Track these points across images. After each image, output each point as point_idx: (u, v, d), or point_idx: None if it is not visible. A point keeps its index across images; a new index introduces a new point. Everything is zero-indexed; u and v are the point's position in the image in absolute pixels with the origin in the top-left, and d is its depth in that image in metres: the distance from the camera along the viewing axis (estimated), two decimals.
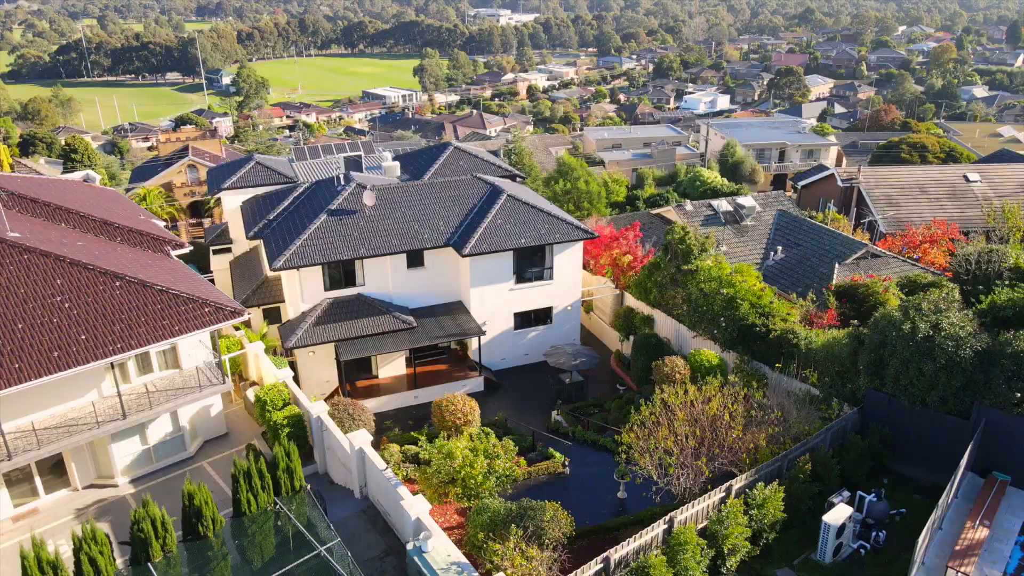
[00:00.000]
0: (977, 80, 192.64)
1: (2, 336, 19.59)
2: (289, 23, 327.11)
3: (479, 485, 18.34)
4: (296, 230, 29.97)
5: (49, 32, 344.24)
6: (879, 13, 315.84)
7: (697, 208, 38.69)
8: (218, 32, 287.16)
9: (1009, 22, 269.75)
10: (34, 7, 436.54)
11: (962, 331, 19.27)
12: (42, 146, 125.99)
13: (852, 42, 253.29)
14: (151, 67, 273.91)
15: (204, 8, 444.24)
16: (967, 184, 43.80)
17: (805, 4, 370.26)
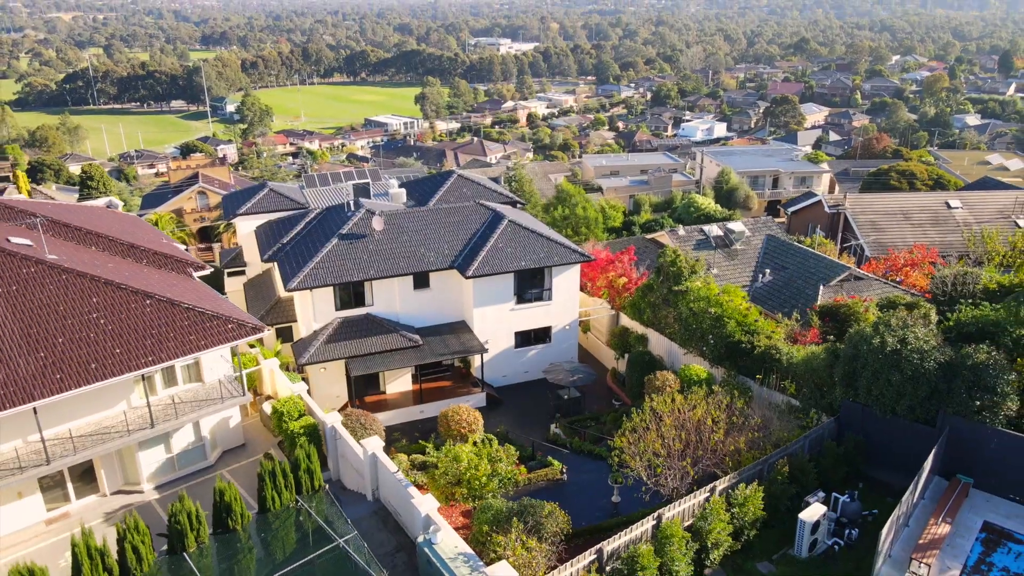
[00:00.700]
0: (970, 108, 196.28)
1: (44, 349, 21.34)
2: (292, 52, 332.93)
3: (483, 486, 19.95)
4: (309, 253, 31.84)
5: (56, 61, 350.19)
6: (873, 43, 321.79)
7: (689, 233, 40.65)
8: (223, 61, 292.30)
9: (1001, 51, 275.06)
10: (41, 36, 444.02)
11: (926, 345, 21.03)
12: (50, 172, 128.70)
13: (847, 71, 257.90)
14: (156, 95, 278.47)
15: (209, 37, 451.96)
16: (948, 210, 45.82)
17: (800, 34, 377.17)
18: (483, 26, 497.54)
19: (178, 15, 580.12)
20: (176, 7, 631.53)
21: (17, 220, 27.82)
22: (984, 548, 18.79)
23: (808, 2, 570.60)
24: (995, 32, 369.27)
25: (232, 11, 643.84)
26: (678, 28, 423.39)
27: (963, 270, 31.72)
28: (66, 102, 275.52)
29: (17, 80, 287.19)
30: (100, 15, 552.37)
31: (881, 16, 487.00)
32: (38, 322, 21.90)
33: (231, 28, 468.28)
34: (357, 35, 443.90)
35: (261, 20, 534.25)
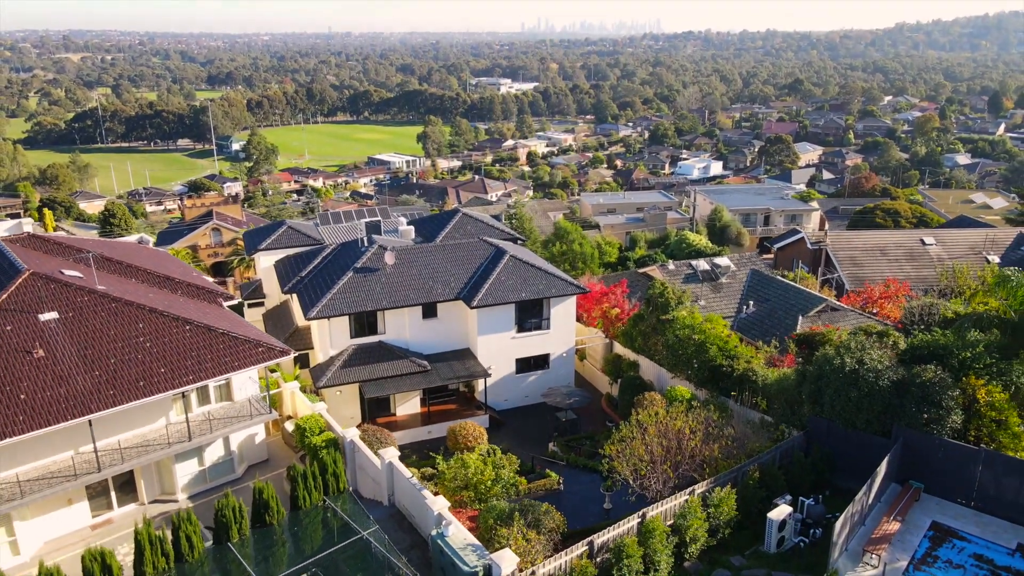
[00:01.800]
0: (960, 148, 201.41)
1: (99, 368, 24.13)
2: (297, 92, 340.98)
3: (488, 490, 22.56)
4: (326, 285, 34.79)
5: (64, 100, 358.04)
6: (866, 84, 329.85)
7: (679, 267, 43.68)
8: (229, 101, 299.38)
9: (991, 92, 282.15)
10: (50, 76, 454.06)
11: (880, 365, 23.84)
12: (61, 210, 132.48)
13: (840, 111, 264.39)
14: (163, 134, 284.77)
15: (215, 77, 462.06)
16: (923, 247, 48.94)
17: (795, 75, 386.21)
18: (484, 66, 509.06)
19: (184, 56, 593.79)
20: (183, 48, 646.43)
21: (66, 255, 30.84)
22: (931, 544, 21.34)
23: (803, 44, 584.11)
24: (986, 73, 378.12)
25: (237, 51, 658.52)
26: (675, 69, 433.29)
27: (929, 302, 34.69)
28: (75, 140, 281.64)
29: (27, 119, 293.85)
30: (108, 56, 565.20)
31: (874, 58, 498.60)
32: (92, 344, 24.72)
33: (236, 68, 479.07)
34: (360, 75, 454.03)
35: (266, 61, 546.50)
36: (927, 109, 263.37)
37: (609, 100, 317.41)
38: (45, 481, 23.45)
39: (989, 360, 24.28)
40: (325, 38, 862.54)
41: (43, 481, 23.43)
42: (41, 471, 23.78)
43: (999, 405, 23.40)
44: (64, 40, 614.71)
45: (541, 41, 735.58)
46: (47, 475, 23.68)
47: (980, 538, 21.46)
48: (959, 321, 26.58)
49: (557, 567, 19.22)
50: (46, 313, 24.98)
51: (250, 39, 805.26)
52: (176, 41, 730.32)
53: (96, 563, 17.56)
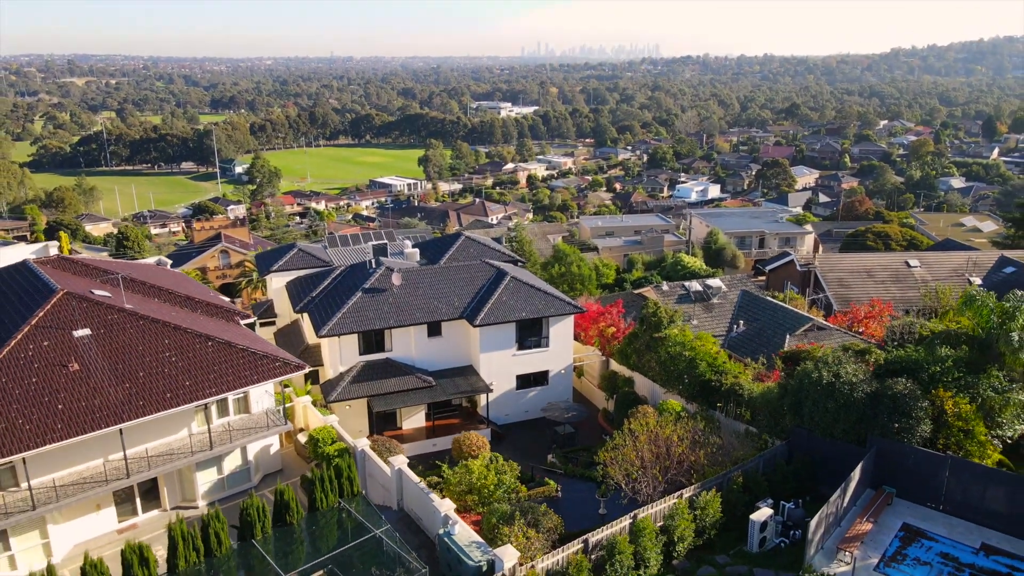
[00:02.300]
0: (954, 172, 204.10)
1: (129, 381, 26.00)
2: (300, 116, 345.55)
3: (491, 494, 24.32)
4: (336, 305, 36.75)
5: (69, 124, 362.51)
6: (862, 108, 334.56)
7: (672, 288, 45.69)
8: (232, 124, 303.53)
9: (985, 117, 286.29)
10: (55, 100, 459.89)
11: (855, 378, 25.73)
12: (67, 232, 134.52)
13: (836, 135, 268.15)
14: (167, 157, 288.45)
15: (218, 101, 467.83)
16: (908, 269, 50.98)
17: (792, 99, 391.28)
18: (484, 90, 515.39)
19: (188, 80, 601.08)
20: (186, 72, 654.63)
21: (93, 276, 32.82)
22: (901, 543, 23.07)
23: (799, 69, 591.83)
24: (980, 98, 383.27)
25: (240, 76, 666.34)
26: (673, 93, 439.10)
27: (909, 321, 36.62)
28: (79, 164, 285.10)
29: (32, 143, 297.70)
30: (113, 80, 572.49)
31: (870, 82, 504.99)
32: (123, 359, 26.62)
33: (240, 93, 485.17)
34: (362, 99, 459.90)
35: (269, 85, 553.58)
36: (922, 133, 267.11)
37: (608, 124, 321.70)
38: (78, 486, 25.22)
39: (957, 374, 26.17)
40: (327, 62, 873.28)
41: (76, 486, 25.20)
42: (75, 477, 25.57)
43: (966, 415, 25.23)
44: (69, 64, 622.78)
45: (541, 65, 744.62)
46: (80, 480, 25.45)
47: (947, 538, 23.20)
48: (930, 338, 28.50)
49: (555, 562, 20.95)
50: (79, 330, 26.90)
51: (253, 63, 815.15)
52: (180, 65, 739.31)
53: (135, 555, 19.29)
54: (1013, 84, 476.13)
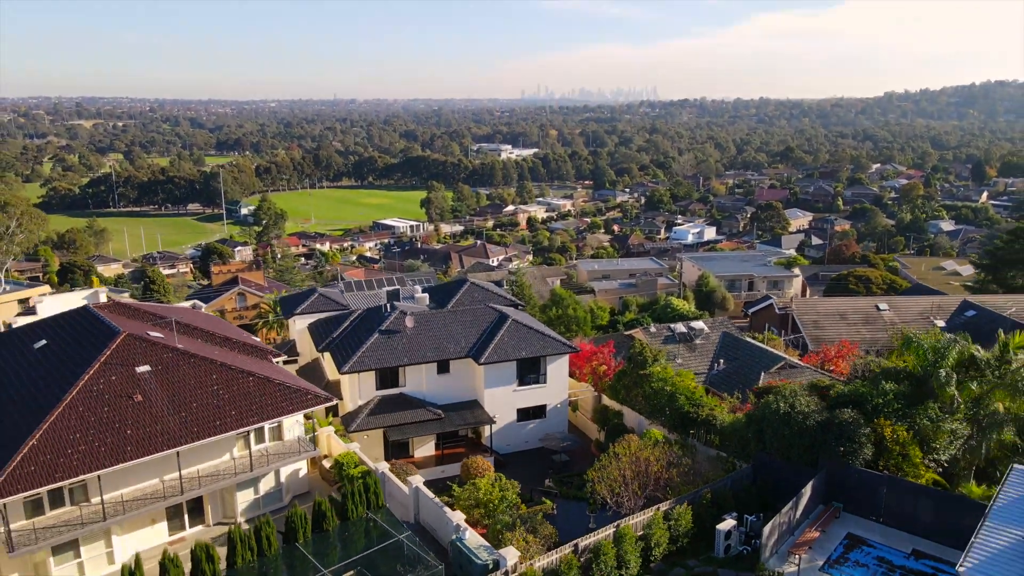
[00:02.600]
0: (944, 215, 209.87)
1: (184, 410, 30.38)
2: (304, 158, 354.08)
3: (495, 508, 28.51)
4: (356, 345, 41.24)
5: (78, 166, 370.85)
6: (855, 151, 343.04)
7: (659, 330, 50.22)
8: (239, 167, 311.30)
9: (975, 160, 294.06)
10: (63, 143, 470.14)
11: (808, 408, 30.14)
12: (80, 273, 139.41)
13: (830, 178, 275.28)
14: (174, 199, 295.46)
15: (223, 143, 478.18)
16: (878, 312, 55.59)
17: (787, 143, 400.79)
18: (485, 132, 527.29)
19: (194, 122, 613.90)
20: (192, 114, 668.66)
21: (143, 319, 37.40)
22: (844, 549, 27.22)
23: (795, 112, 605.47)
24: (972, 142, 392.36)
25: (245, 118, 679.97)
26: (671, 136, 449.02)
27: (870, 359, 41.06)
28: (88, 205, 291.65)
29: (42, 184, 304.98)
30: (120, 123, 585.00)
31: (864, 126, 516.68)
32: (178, 391, 31.06)
33: (244, 135, 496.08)
34: (364, 141, 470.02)
35: (273, 127, 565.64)
36: (913, 177, 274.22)
37: (607, 166, 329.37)
38: (140, 501, 29.43)
39: (897, 406, 30.58)
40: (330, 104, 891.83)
41: (139, 501, 29.41)
42: (137, 493, 29.79)
43: (903, 441, 29.58)
44: (77, 107, 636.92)
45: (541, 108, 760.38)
46: (142, 497, 29.67)
47: (883, 544, 27.37)
48: (876, 375, 32.97)
49: (549, 562, 25.11)
50: (141, 366, 31.39)
51: (257, 106, 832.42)
52: (186, 108, 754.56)
53: (203, 553, 23.45)
54: (1004, 128, 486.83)
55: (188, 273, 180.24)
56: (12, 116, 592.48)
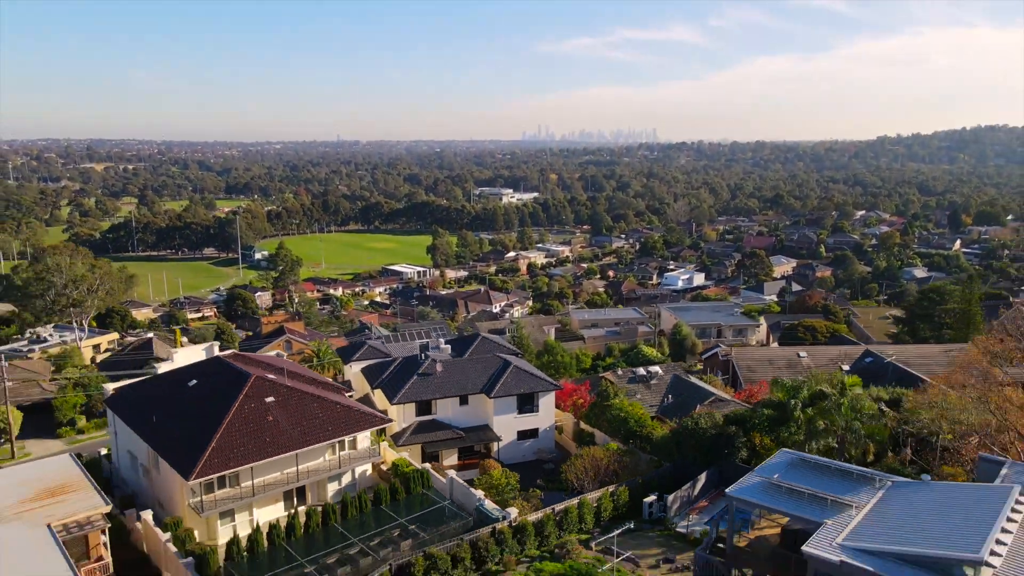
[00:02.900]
0: (918, 262, 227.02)
1: (299, 427, 47.04)
2: (313, 203, 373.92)
3: (503, 488, 45.06)
4: (400, 384, 58.05)
5: (94, 210, 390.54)
6: (843, 198, 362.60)
7: (625, 373, 67.03)
8: (252, 213, 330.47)
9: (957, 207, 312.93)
10: (77, 186, 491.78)
11: (706, 424, 46.89)
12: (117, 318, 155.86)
13: (816, 225, 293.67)
14: (191, 243, 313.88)
15: (233, 187, 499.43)
16: (799, 358, 72.41)
17: (779, 188, 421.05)
18: (487, 176, 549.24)
19: (202, 165, 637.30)
20: (200, 157, 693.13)
21: (254, 364, 54.21)
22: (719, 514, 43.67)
23: (789, 156, 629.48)
24: (957, 188, 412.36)
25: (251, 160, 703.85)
26: (667, 181, 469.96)
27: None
28: (108, 249, 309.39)
29: (64, 230, 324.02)
30: (131, 166, 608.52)
31: (856, 170, 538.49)
32: (293, 414, 47.79)
33: (253, 179, 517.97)
34: (370, 185, 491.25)
35: (280, 170, 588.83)
36: (895, 224, 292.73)
37: (604, 213, 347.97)
38: (271, 486, 45.94)
39: (766, 424, 47.31)
40: (334, 146, 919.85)
41: (270, 486, 45.92)
42: (269, 481, 46.33)
43: (768, 447, 46.22)
44: (88, 151, 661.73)
45: (542, 151, 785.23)
46: (272, 483, 46.20)
47: None
48: (755, 404, 49.82)
49: (536, 517, 41.60)
50: (268, 397, 48.19)
51: (263, 148, 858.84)
52: (193, 150, 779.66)
53: (316, 513, 40.00)
54: (992, 173, 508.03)
55: (212, 316, 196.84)
56: (25, 159, 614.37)
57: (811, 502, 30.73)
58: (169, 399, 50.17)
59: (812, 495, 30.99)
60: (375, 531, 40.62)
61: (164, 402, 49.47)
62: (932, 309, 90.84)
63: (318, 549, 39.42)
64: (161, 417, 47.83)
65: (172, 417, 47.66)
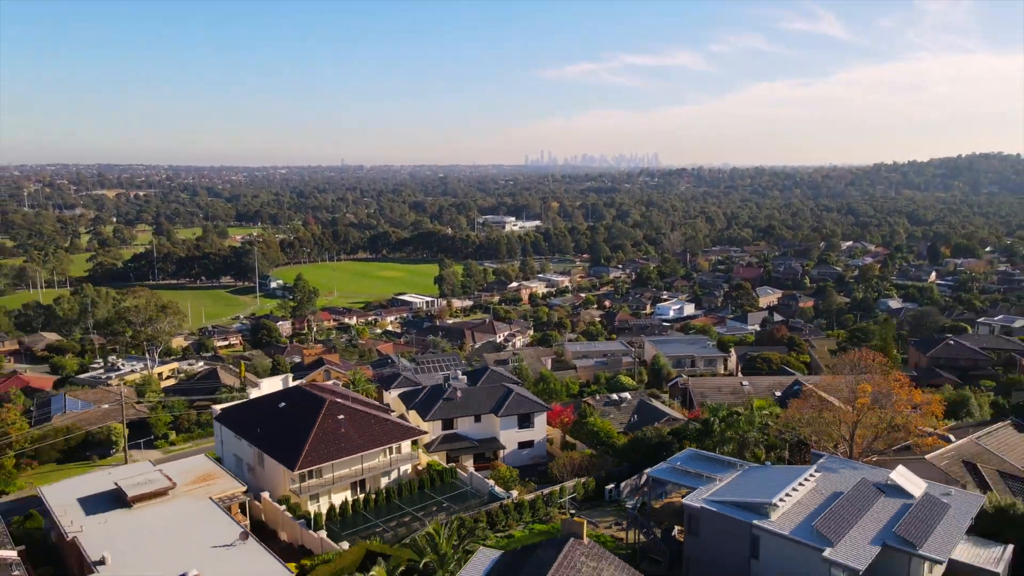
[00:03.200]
0: (894, 293, 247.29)
1: (363, 436, 67.56)
2: (324, 232, 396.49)
3: (508, 480, 65.44)
4: (430, 405, 78.63)
5: (112, 239, 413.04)
6: (834, 228, 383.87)
7: (603, 398, 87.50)
8: (266, 242, 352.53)
9: (941, 238, 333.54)
10: (92, 214, 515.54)
11: (652, 435, 67.40)
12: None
13: (803, 256, 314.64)
14: (208, 272, 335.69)
15: (243, 215, 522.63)
16: (742, 386, 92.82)
17: (774, 217, 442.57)
18: (490, 204, 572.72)
19: (211, 191, 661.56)
20: (207, 183, 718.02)
21: (324, 391, 74.81)
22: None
23: (787, 183, 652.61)
24: (946, 217, 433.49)
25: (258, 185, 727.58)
26: (666, 209, 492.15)
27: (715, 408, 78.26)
28: (130, 277, 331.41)
29: (89, 259, 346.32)
30: (141, 192, 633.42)
31: (852, 198, 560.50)
32: (358, 427, 68.37)
33: (262, 206, 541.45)
34: (377, 214, 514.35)
35: (287, 197, 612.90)
36: (879, 255, 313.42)
37: (603, 243, 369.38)
38: (344, 478, 66.36)
39: (695, 435, 67.73)
40: (339, 171, 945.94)
41: (343, 478, 66.35)
42: (341, 475, 66.76)
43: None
44: (99, 177, 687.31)
45: (544, 177, 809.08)
46: (344, 476, 66.62)
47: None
48: (687, 420, 70.33)
49: (531, 497, 61.99)
50: (340, 415, 68.77)
51: (268, 172, 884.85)
52: (200, 175, 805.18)
53: (383, 495, 60.39)
54: (984, 201, 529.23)
55: (239, 344, 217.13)
56: (38, 186, 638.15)
57: (695, 479, 51.11)
58: (267, 416, 70.75)
59: (697, 474, 51.39)
60: (420, 505, 61.07)
61: (264, 418, 70.13)
62: (858, 345, 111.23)
63: (381, 517, 59.80)
64: (263, 429, 68.47)
65: (272, 429, 68.28)
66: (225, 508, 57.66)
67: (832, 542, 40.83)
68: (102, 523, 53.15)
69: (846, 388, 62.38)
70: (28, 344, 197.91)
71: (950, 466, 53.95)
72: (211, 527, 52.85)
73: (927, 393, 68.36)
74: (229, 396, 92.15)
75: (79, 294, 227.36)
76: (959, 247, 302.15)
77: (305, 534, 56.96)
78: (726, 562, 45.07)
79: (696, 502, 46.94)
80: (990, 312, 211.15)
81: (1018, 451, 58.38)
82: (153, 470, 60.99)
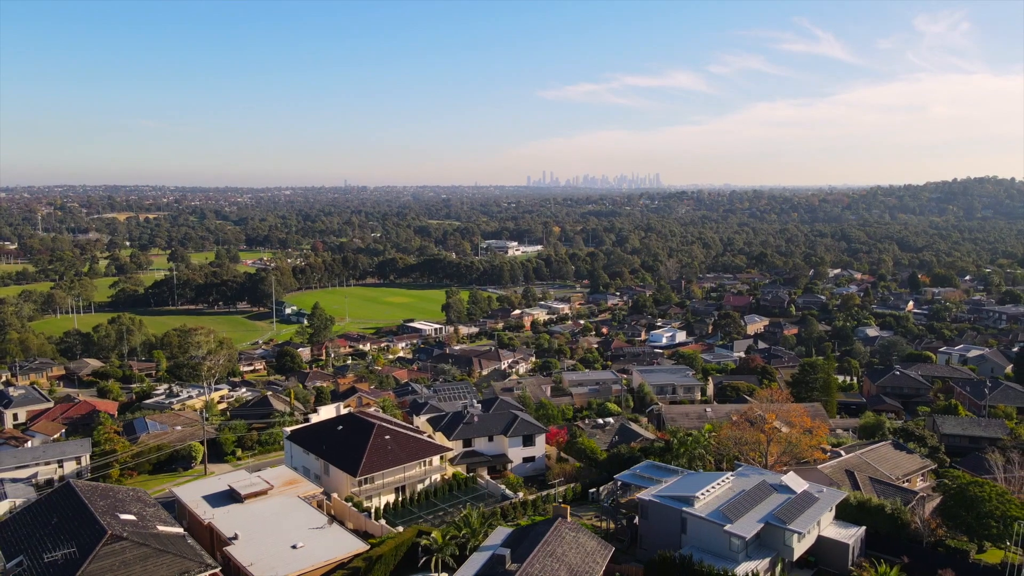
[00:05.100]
0: (872, 322, 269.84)
1: (404, 451, 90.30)
2: (334, 259, 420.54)
3: (515, 485, 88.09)
4: (453, 428, 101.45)
5: (129, 264, 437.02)
6: (825, 255, 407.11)
7: (592, 421, 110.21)
8: (280, 269, 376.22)
9: (924, 266, 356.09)
10: (106, 239, 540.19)
11: (625, 451, 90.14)
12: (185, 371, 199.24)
13: (791, 285, 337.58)
14: (225, 298, 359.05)
15: (252, 239, 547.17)
16: (706, 412, 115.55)
17: (769, 243, 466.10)
18: (493, 228, 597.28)
19: (218, 214, 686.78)
20: (214, 205, 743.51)
21: (372, 418, 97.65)
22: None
23: (785, 207, 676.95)
24: (935, 244, 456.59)
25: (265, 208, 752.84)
26: (664, 235, 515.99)
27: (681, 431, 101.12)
28: (150, 303, 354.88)
29: (111, 285, 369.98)
30: (151, 215, 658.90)
31: (847, 222, 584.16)
32: (400, 445, 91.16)
33: (271, 230, 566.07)
34: (383, 239, 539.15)
35: (294, 220, 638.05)
36: (864, 283, 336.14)
37: (602, 271, 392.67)
38: (390, 483, 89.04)
39: (659, 451, 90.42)
40: (342, 192, 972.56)
41: (390, 483, 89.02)
42: (389, 480, 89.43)
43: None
44: (109, 199, 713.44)
45: (546, 198, 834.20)
46: (391, 482, 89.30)
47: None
48: (652, 441, 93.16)
49: (534, 497, 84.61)
50: (386, 435, 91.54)
51: (273, 193, 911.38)
52: (206, 197, 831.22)
53: (423, 495, 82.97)
54: (976, 226, 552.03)
55: (263, 370, 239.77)
56: (50, 209, 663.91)
57: (649, 481, 73.76)
58: (329, 436, 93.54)
59: (650, 478, 74.06)
60: (449, 503, 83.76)
61: (326, 438, 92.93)
62: (807, 377, 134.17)
63: (421, 511, 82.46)
64: (328, 445, 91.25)
65: (334, 446, 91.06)
66: (309, 503, 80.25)
67: (732, 520, 63.61)
68: (226, 513, 75.74)
69: (758, 417, 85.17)
70: (74, 369, 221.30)
71: (834, 473, 76.65)
72: (303, 516, 75.47)
73: (843, 418, 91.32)
74: (285, 420, 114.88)
75: (115, 323, 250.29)
76: (937, 276, 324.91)
77: (368, 522, 79.60)
78: (666, 537, 67.81)
79: (647, 496, 69.70)
80: (956, 341, 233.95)
81: (890, 463, 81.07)
82: (253, 476, 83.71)
